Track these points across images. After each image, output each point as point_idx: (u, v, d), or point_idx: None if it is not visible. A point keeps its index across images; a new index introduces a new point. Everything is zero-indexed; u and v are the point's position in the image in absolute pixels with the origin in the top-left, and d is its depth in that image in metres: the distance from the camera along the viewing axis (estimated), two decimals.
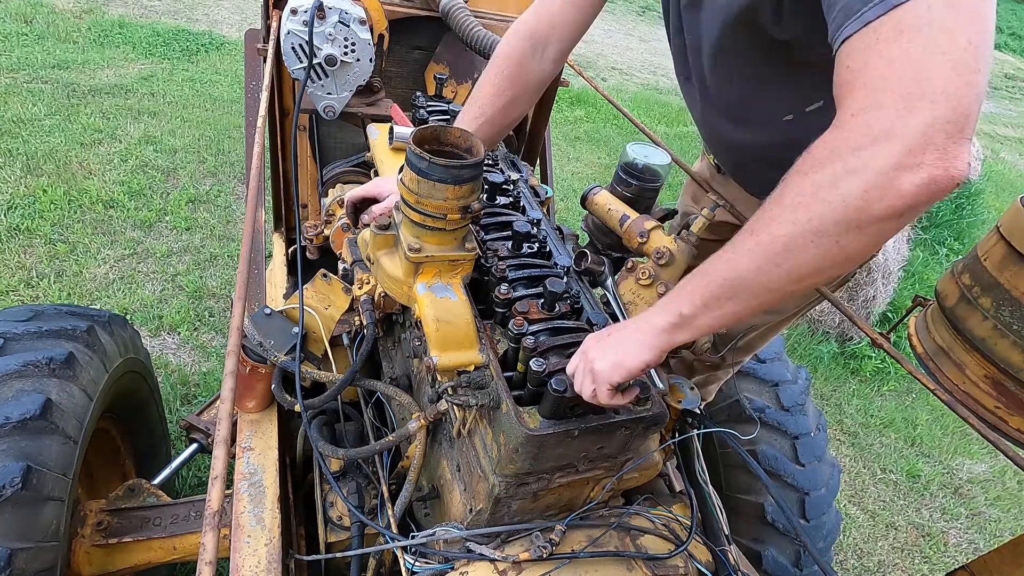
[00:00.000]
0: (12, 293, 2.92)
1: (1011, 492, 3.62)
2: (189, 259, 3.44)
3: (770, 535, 2.02)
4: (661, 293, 1.33)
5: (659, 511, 1.32)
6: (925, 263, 5.17)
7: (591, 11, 1.38)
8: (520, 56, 1.40)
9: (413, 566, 1.17)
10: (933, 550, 3.11)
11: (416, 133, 1.10)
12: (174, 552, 1.62)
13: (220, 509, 0.76)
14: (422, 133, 1.11)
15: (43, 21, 5.56)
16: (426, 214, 1.10)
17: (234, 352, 0.97)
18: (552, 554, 1.15)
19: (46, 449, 1.27)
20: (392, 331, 1.67)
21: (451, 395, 1.08)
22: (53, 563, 1.23)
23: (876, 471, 3.51)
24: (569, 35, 1.41)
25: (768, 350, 2.24)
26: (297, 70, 1.62)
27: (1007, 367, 1.18)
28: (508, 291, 1.14)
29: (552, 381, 0.96)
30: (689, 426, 1.37)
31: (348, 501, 1.34)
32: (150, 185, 3.90)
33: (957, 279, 1.32)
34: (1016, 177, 8.92)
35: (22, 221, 3.31)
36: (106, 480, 1.87)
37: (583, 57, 8.47)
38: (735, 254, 0.84)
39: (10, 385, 1.32)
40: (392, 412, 1.55)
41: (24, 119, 4.11)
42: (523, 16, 1.43)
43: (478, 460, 1.14)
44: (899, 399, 4.11)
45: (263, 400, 1.54)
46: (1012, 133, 11.25)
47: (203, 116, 4.79)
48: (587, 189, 1.60)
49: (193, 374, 2.83)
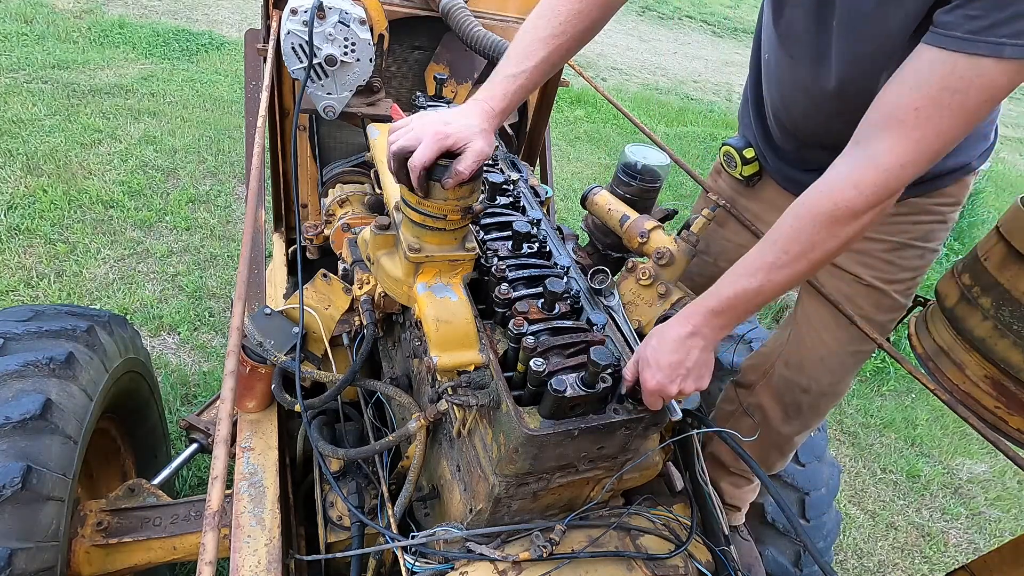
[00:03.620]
0: (12, 293, 2.92)
1: (1011, 492, 3.62)
2: (189, 259, 3.44)
3: (770, 535, 2.02)
4: (662, 293, 1.33)
5: (659, 511, 1.32)
6: None
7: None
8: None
9: (413, 566, 1.17)
10: (933, 550, 3.11)
11: None
12: (174, 552, 1.62)
13: (220, 509, 0.76)
14: None
15: (43, 21, 5.56)
16: (426, 214, 1.10)
17: (234, 352, 0.97)
18: (552, 554, 1.15)
19: (46, 449, 1.27)
20: (392, 331, 1.67)
21: (451, 395, 1.08)
22: (53, 563, 1.23)
23: (876, 471, 3.51)
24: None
25: None
26: (297, 70, 1.62)
27: (1007, 367, 1.18)
28: (508, 291, 1.14)
29: (552, 381, 0.96)
30: (689, 426, 1.37)
31: (348, 501, 1.34)
32: (150, 185, 3.90)
33: (957, 279, 1.32)
34: (1016, 177, 8.92)
35: (22, 221, 3.31)
36: (106, 480, 1.87)
37: (583, 57, 8.46)
38: (769, 275, 1.04)
39: (10, 385, 1.31)
40: (392, 412, 1.55)
41: (24, 119, 4.11)
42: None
43: (478, 460, 1.14)
44: (899, 399, 4.11)
45: (263, 400, 1.54)
46: (1012, 133, 11.24)
47: (203, 116, 4.78)
48: (587, 189, 1.60)
49: (193, 374, 2.83)
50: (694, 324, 1.07)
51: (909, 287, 1.51)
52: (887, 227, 1.44)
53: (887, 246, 1.46)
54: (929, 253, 1.48)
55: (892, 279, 1.48)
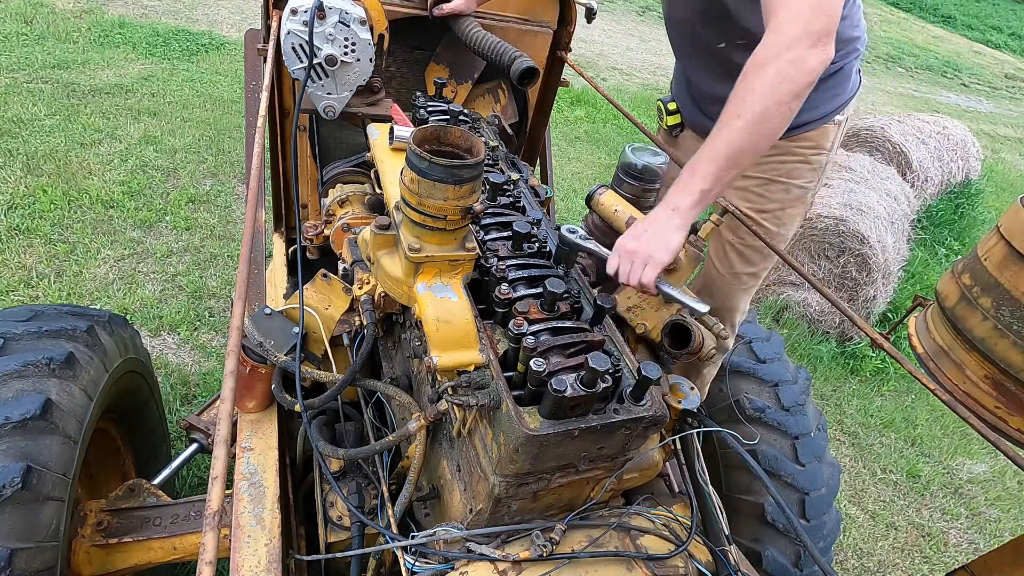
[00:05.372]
0: (12, 293, 2.92)
1: (1011, 492, 3.62)
2: (189, 259, 3.44)
3: (770, 535, 2.02)
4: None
5: (659, 511, 1.32)
6: (925, 263, 5.17)
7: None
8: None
9: (413, 566, 1.17)
10: (933, 550, 3.11)
11: (416, 133, 1.10)
12: (174, 552, 1.62)
13: (220, 509, 0.76)
14: (422, 133, 1.11)
15: (43, 21, 5.56)
16: (426, 214, 1.10)
17: (234, 352, 0.97)
18: (552, 554, 1.15)
19: (46, 449, 1.27)
20: (392, 331, 1.67)
21: (451, 395, 1.08)
22: (53, 563, 1.23)
23: (876, 471, 3.51)
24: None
25: (768, 350, 2.24)
26: (297, 70, 1.62)
27: (1007, 367, 1.17)
28: (508, 291, 1.14)
29: (552, 381, 0.96)
30: (689, 426, 1.37)
31: (348, 501, 1.34)
32: (150, 185, 3.90)
33: (957, 279, 1.32)
34: (1016, 177, 8.92)
35: (22, 221, 3.31)
36: (106, 480, 1.87)
37: (583, 57, 8.47)
38: (730, 132, 1.25)
39: (10, 385, 1.31)
40: (392, 412, 1.55)
41: (24, 119, 4.11)
42: None
43: (478, 460, 1.13)
44: (899, 399, 4.11)
45: (263, 400, 1.54)
46: (1012, 133, 11.24)
47: (203, 116, 4.78)
48: (592, 189, 1.60)
49: (193, 374, 2.83)
50: (680, 194, 1.29)
51: (779, 217, 1.85)
52: (759, 166, 1.76)
53: (757, 181, 1.80)
54: (795, 188, 1.81)
55: (762, 209, 1.83)
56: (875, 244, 4.18)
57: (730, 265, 1.96)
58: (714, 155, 1.26)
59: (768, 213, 1.85)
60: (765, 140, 1.27)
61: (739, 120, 1.24)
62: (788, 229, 1.91)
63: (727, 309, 2.08)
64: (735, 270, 1.97)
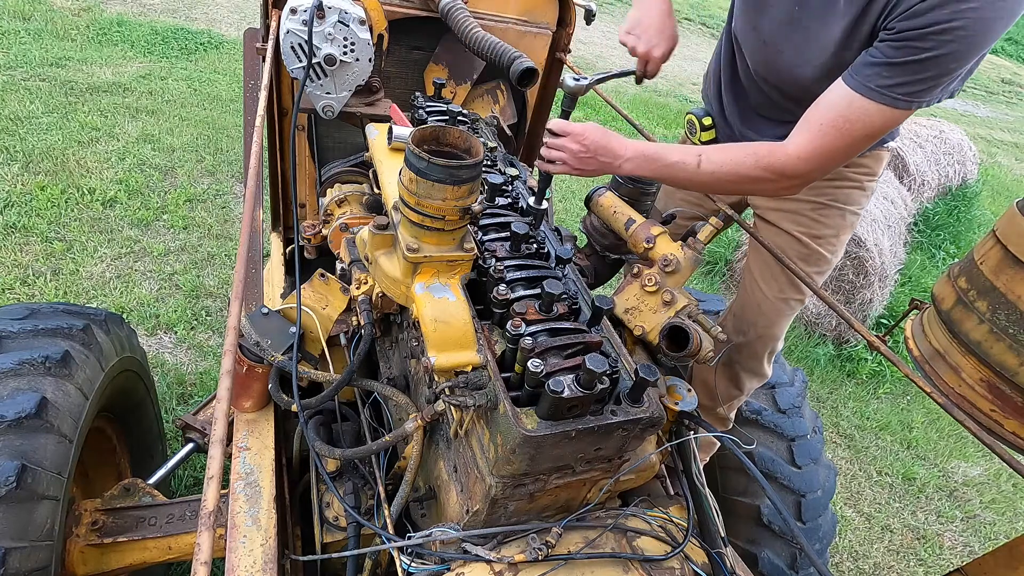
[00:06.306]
0: (8, 291, 2.91)
1: (1006, 495, 3.64)
2: (186, 258, 3.43)
3: (766, 537, 2.02)
4: (667, 300, 1.34)
5: (656, 513, 1.32)
6: (922, 267, 5.19)
7: None
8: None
9: (409, 567, 1.17)
10: (928, 553, 3.12)
11: (415, 133, 1.10)
12: (169, 552, 1.62)
13: (216, 509, 0.76)
14: (421, 133, 1.11)
15: (41, 18, 5.54)
16: (425, 214, 1.09)
17: (231, 351, 0.96)
18: (548, 555, 1.15)
19: (41, 448, 1.26)
20: (390, 331, 1.66)
21: (448, 395, 1.08)
22: (47, 562, 1.23)
23: (872, 474, 3.51)
24: None
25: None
26: (296, 69, 1.62)
27: (1003, 370, 1.18)
28: (506, 292, 1.14)
29: (550, 382, 0.96)
30: (686, 428, 1.37)
31: (344, 501, 1.34)
32: (148, 184, 3.89)
33: (953, 283, 1.32)
34: (1012, 181, 8.96)
35: (19, 219, 3.30)
36: (101, 479, 1.86)
37: (583, 59, 8.47)
38: (685, 160, 1.43)
39: (5, 383, 1.31)
40: (389, 412, 1.55)
41: (21, 117, 4.09)
42: None
43: (475, 461, 1.13)
44: (895, 402, 4.12)
45: (260, 400, 1.53)
46: (1008, 137, 11.29)
47: (201, 115, 4.78)
48: (592, 190, 1.61)
49: (189, 373, 2.82)
50: (629, 153, 1.46)
51: (832, 243, 1.81)
52: (814, 190, 1.72)
53: (812, 206, 1.77)
54: (849, 215, 1.78)
55: (816, 234, 1.79)
56: (872, 247, 4.19)
57: (779, 289, 1.87)
58: (661, 170, 1.45)
59: (823, 239, 1.79)
60: (689, 187, 1.55)
61: (699, 160, 1.43)
62: (838, 256, 1.84)
63: (769, 337, 1.95)
64: (784, 295, 1.87)
